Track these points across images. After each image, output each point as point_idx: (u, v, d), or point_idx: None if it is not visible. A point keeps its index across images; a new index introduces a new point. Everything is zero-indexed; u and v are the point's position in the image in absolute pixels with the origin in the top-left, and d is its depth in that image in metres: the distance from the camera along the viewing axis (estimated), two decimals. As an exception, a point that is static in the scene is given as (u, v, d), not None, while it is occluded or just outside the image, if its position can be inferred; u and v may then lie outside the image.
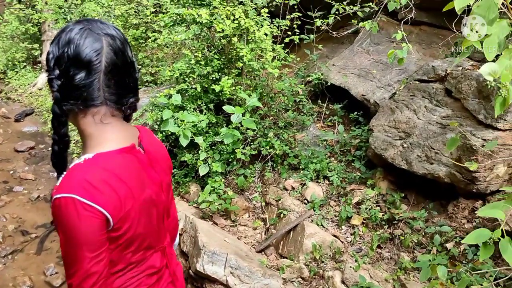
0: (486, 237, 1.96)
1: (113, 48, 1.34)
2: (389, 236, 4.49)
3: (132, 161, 1.40)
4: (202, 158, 5.01)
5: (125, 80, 1.39)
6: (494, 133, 3.98)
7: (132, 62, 1.43)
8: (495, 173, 4.02)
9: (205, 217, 5.02)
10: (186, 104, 5.31)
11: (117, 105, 1.39)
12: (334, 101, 6.13)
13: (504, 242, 1.93)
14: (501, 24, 1.70)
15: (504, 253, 1.90)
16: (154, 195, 1.46)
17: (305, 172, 5.23)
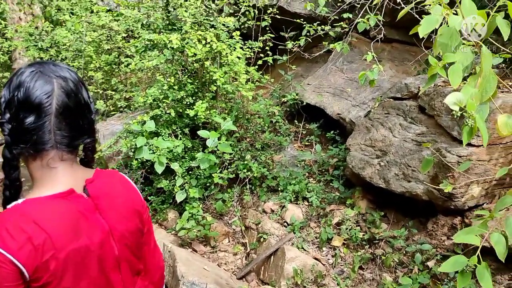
0: (463, 265, 1.92)
1: (65, 90, 1.31)
2: (371, 257, 4.44)
3: (66, 207, 1.30)
4: (178, 184, 4.92)
5: (78, 122, 1.35)
6: (469, 149, 3.98)
7: (86, 103, 1.39)
8: (470, 193, 4.03)
9: (184, 244, 4.92)
10: (161, 129, 5.23)
11: (68, 148, 1.34)
12: (311, 120, 6.11)
13: (481, 269, 1.89)
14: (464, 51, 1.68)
15: (481, 280, 1.86)
16: (94, 245, 1.34)
17: (284, 194, 5.17)
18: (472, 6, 1.55)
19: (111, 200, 1.43)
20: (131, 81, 6.29)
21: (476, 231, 2.02)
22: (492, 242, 1.92)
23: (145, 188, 5.46)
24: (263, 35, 5.70)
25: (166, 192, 5.29)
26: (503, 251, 1.91)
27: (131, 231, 1.48)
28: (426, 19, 1.76)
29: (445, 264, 1.91)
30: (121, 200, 1.48)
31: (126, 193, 1.54)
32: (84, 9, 7.73)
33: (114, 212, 1.42)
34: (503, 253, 1.91)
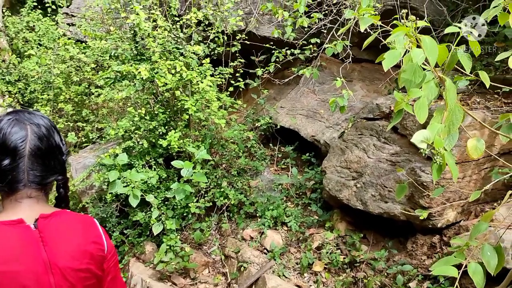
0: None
1: (38, 134, 1.49)
2: (352, 280, 4.40)
3: (9, 233, 1.40)
4: (155, 216, 4.82)
5: (50, 162, 1.52)
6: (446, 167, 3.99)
7: (58, 146, 1.56)
8: (445, 218, 4.05)
9: (163, 278, 4.80)
10: (134, 161, 5.13)
11: (38, 186, 1.49)
12: (286, 143, 6.10)
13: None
14: (429, 85, 1.67)
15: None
16: (26, 272, 1.39)
17: (262, 220, 5.11)
18: (432, 43, 1.55)
19: (60, 236, 1.49)
20: (103, 112, 6.19)
21: (453, 261, 2.00)
22: (470, 273, 1.90)
23: (120, 221, 5.33)
24: (233, 60, 5.69)
25: (142, 225, 5.17)
26: (481, 281, 1.89)
27: (76, 269, 1.50)
28: (389, 53, 1.75)
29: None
30: (73, 240, 1.52)
31: (84, 235, 1.57)
32: (52, 40, 7.63)
33: (59, 248, 1.47)
34: (482, 283, 1.89)
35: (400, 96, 1.72)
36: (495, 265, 1.94)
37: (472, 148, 2.11)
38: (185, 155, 5.24)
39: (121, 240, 5.17)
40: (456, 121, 1.71)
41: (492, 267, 1.93)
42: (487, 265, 1.94)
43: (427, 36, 1.58)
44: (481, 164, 4.10)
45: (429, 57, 1.52)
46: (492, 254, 1.97)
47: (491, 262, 1.95)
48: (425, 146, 1.52)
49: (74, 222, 1.56)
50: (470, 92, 4.52)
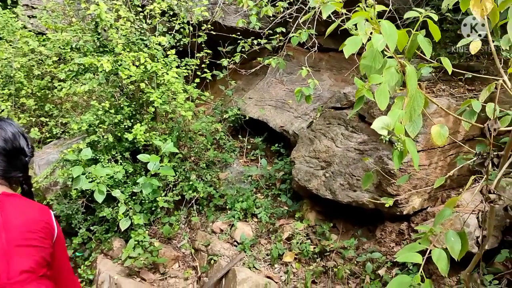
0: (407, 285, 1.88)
1: (3, 137, 1.82)
2: (323, 270, 4.40)
3: None
4: (122, 211, 4.72)
5: (12, 161, 1.84)
6: (409, 155, 4.01)
7: (21, 148, 1.88)
8: (411, 205, 4.08)
9: (131, 274, 4.71)
10: (99, 155, 5.01)
11: (2, 177, 1.80)
12: (255, 134, 6.05)
13: (425, 287, 1.86)
14: (390, 71, 1.64)
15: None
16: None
17: (232, 212, 5.07)
18: (391, 27, 1.52)
19: (16, 208, 1.77)
20: (66, 106, 6.01)
21: (417, 247, 2.00)
22: (434, 260, 1.90)
23: (87, 217, 5.20)
24: (199, 51, 5.60)
25: (109, 221, 5.06)
26: (445, 267, 1.89)
27: (26, 231, 1.74)
28: (350, 39, 1.72)
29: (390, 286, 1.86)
30: (27, 213, 1.79)
31: (38, 214, 1.83)
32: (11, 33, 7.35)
33: (14, 214, 1.74)
34: (446, 269, 1.88)
35: (361, 83, 1.69)
36: (458, 250, 1.95)
37: (436, 134, 2.10)
38: (152, 149, 5.14)
39: (88, 237, 5.04)
40: (417, 107, 1.69)
41: (456, 252, 1.93)
42: (451, 251, 1.94)
43: (386, 20, 1.55)
44: (447, 150, 4.14)
45: (388, 42, 1.49)
46: (456, 240, 1.97)
47: (455, 247, 1.95)
48: (386, 133, 1.49)
49: (31, 204, 1.85)
50: (435, 80, 4.55)
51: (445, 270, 1.88)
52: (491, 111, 2.15)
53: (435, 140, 2.10)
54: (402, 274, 4.05)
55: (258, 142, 5.86)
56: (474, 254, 3.14)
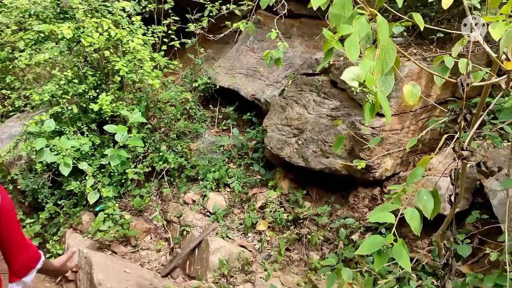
0: (380, 245, 1.83)
1: None
2: (297, 237, 4.38)
3: None
4: (89, 184, 4.59)
5: None
6: (381, 120, 3.98)
7: None
8: (383, 167, 4.06)
9: (102, 247, 4.61)
10: (64, 127, 4.83)
11: None
12: (226, 104, 5.93)
13: (398, 247, 1.81)
14: (360, 21, 1.55)
15: (399, 259, 1.78)
16: None
17: (204, 183, 4.98)
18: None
19: None
20: (28, 78, 5.76)
21: (390, 207, 1.95)
22: (407, 219, 1.85)
23: (54, 192, 5.05)
24: (166, 18, 5.40)
25: (77, 194, 4.92)
26: (418, 226, 1.85)
27: None
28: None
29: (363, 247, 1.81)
30: None
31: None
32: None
33: None
34: (418, 228, 1.84)
35: (330, 34, 1.59)
36: (431, 209, 1.91)
37: (408, 94, 2.04)
38: (120, 120, 4.99)
39: (56, 212, 4.90)
40: (389, 60, 1.60)
41: (429, 211, 1.89)
42: (423, 210, 1.90)
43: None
44: (419, 114, 4.12)
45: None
46: (428, 198, 1.93)
47: (428, 206, 1.91)
48: (356, 84, 1.41)
49: None
50: (407, 43, 4.49)
51: (418, 229, 1.84)
52: (463, 67, 2.09)
53: (407, 99, 2.04)
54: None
55: (230, 112, 5.75)
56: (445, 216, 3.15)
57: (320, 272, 3.87)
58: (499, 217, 3.32)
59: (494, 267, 3.12)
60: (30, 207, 5.09)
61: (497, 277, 2.37)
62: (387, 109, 1.49)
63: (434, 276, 3.60)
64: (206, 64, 6.17)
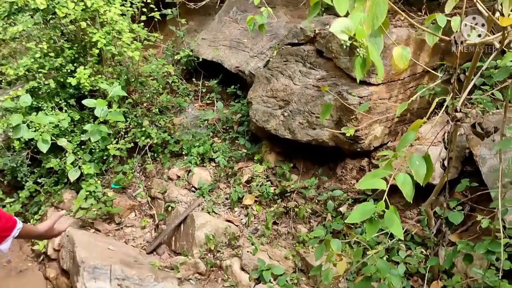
0: (371, 212, 1.75)
1: None
2: (284, 210, 4.31)
3: None
4: (70, 161, 4.45)
5: None
6: (369, 88, 3.88)
7: None
8: (373, 134, 3.97)
9: (85, 225, 4.50)
10: (42, 103, 4.67)
11: None
12: (210, 77, 5.77)
13: (389, 215, 1.73)
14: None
15: (391, 226, 1.70)
16: None
17: (189, 158, 4.86)
18: None
19: None
20: (3, 52, 5.53)
21: (381, 174, 1.86)
22: (399, 184, 1.77)
23: (34, 170, 4.91)
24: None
25: (58, 172, 4.78)
26: (410, 192, 1.77)
27: None
28: None
29: (353, 215, 1.73)
30: None
31: None
32: None
33: None
34: (410, 194, 1.77)
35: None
36: (423, 175, 1.82)
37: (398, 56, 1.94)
38: (100, 95, 4.82)
39: (36, 190, 4.77)
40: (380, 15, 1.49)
41: (421, 177, 1.81)
42: (416, 175, 1.81)
43: None
44: (407, 83, 4.02)
45: None
46: (421, 164, 1.85)
47: (420, 171, 1.83)
48: (346, 38, 1.30)
49: None
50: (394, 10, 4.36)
51: (410, 195, 1.76)
52: (457, 25, 1.99)
53: (397, 62, 1.94)
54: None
55: (213, 85, 5.60)
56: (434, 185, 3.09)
57: (309, 245, 3.82)
58: (489, 185, 3.27)
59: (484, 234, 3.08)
60: (10, 186, 4.95)
61: (489, 244, 2.32)
62: (379, 64, 1.38)
63: (423, 245, 3.56)
64: (188, 36, 5.99)
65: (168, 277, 3.79)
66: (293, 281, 3.70)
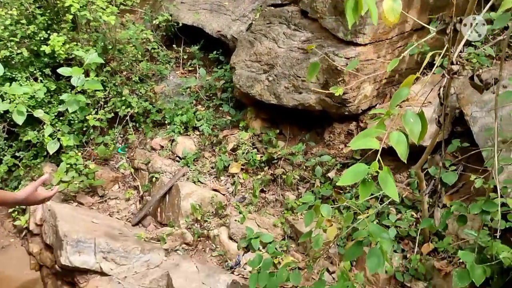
0: (364, 174, 1.64)
1: None
2: (271, 178, 4.21)
3: None
4: (48, 133, 4.27)
5: None
6: (356, 49, 3.74)
7: None
8: (363, 93, 3.85)
9: (67, 199, 4.37)
10: (16, 73, 4.47)
11: None
12: (191, 43, 5.56)
13: (383, 175, 1.63)
14: None
15: (385, 187, 1.61)
16: None
17: (172, 127, 4.71)
18: None
19: None
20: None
21: (373, 133, 1.75)
22: (392, 143, 1.66)
23: (11, 144, 4.74)
24: None
25: (36, 145, 4.62)
26: (404, 151, 1.66)
27: None
28: None
29: (345, 176, 1.63)
30: None
31: None
32: None
33: None
34: (405, 153, 1.66)
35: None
36: (418, 132, 1.72)
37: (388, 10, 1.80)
38: (76, 63, 4.61)
39: (15, 164, 4.61)
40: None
41: (416, 135, 1.71)
42: (410, 133, 1.71)
43: None
44: (395, 42, 3.89)
45: None
46: (416, 121, 1.74)
47: (415, 129, 1.72)
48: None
49: None
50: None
51: (405, 155, 1.65)
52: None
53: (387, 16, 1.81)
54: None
55: (195, 51, 5.40)
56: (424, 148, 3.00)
57: (297, 211, 3.74)
58: (480, 144, 3.19)
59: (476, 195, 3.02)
60: (-14, 161, 4.77)
61: (484, 204, 2.24)
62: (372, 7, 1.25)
63: (413, 208, 3.51)
64: (167, 1, 5.74)
65: (155, 249, 3.70)
66: (283, 248, 3.63)
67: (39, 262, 4.15)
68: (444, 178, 2.47)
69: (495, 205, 2.17)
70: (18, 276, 4.10)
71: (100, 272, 3.54)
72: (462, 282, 2.13)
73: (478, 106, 3.28)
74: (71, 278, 3.67)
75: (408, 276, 3.21)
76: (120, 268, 3.55)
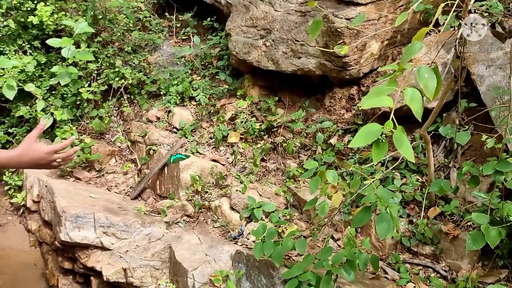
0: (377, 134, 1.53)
1: None
2: (271, 146, 4.13)
3: None
4: (40, 108, 4.09)
5: None
6: (357, 9, 3.60)
7: None
8: (369, 51, 3.72)
9: (63, 174, 4.28)
10: (4, 47, 4.31)
11: None
12: (183, 10, 5.38)
13: (398, 134, 1.52)
14: None
15: (401, 147, 1.50)
16: None
17: (167, 98, 4.58)
18: None
19: None
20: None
21: (385, 90, 1.64)
22: (407, 100, 1.55)
23: (4, 120, 4.61)
24: None
25: (29, 120, 4.49)
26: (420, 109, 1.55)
27: None
28: None
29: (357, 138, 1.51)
30: None
31: None
32: None
33: None
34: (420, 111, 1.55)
35: None
36: (433, 88, 1.61)
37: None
38: (66, 35, 4.45)
39: (8, 141, 4.48)
40: None
41: (431, 91, 1.60)
42: (425, 89, 1.60)
43: None
44: (397, 1, 3.75)
45: None
46: (430, 76, 1.63)
47: (430, 85, 1.61)
48: None
49: None
50: None
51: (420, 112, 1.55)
52: None
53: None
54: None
55: (188, 19, 5.23)
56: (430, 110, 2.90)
57: (301, 178, 3.66)
58: (488, 104, 3.10)
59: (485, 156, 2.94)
60: (-21, 138, 4.65)
61: (497, 164, 2.15)
62: None
63: (418, 173, 3.44)
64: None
65: (156, 222, 3.62)
66: (286, 217, 3.57)
67: (38, 239, 4.08)
68: (457, 139, 2.37)
69: (510, 164, 2.09)
70: (18, 254, 4.04)
71: (101, 247, 3.47)
72: (476, 244, 2.06)
73: (485, 65, 3.17)
74: (71, 253, 3.61)
75: (414, 241, 3.17)
76: (121, 242, 3.48)
